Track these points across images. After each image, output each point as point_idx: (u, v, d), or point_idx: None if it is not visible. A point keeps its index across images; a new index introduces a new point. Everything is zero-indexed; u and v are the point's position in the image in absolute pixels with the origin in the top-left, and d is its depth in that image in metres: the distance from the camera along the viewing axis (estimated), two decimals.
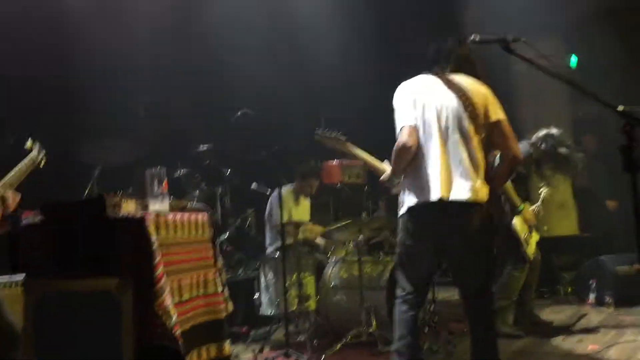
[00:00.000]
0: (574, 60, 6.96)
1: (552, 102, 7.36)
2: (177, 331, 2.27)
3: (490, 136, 3.09)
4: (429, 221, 3.04)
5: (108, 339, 2.29)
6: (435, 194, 2.97)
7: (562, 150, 4.84)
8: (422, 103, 3.12)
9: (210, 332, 2.70)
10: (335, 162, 6.46)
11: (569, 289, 6.61)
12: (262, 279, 5.19)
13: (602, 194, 6.98)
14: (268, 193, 5.82)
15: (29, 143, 3.17)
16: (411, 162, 3.05)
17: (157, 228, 2.40)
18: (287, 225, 4.89)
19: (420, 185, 3.02)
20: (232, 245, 5.84)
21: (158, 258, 2.29)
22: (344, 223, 4.92)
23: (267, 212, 5.77)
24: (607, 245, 6.57)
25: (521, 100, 7.74)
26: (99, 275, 2.33)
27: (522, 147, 4.88)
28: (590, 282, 6.04)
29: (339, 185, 6.46)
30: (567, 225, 7.43)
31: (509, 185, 4.76)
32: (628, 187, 6.50)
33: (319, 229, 5.79)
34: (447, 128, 3.08)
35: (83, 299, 2.35)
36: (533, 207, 5.03)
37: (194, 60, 6.54)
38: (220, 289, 2.82)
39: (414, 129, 3.06)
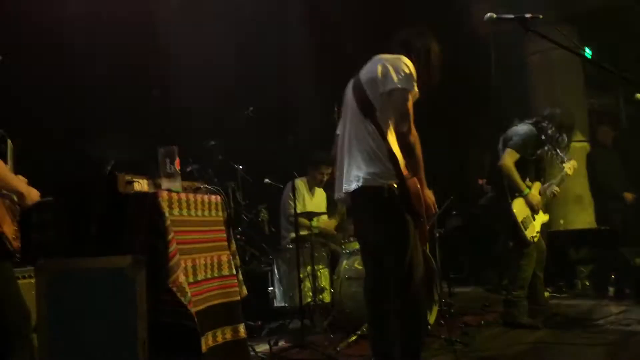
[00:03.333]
0: (588, 52, 6.90)
1: (566, 94, 7.28)
2: (192, 309, 2.23)
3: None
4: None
5: (122, 318, 2.25)
6: (336, 193, 3.17)
7: (552, 130, 4.76)
8: (343, 108, 3.25)
9: (225, 314, 2.65)
10: None
11: (587, 283, 6.52)
12: (276, 272, 5.15)
13: (619, 186, 6.87)
14: (282, 186, 5.79)
15: None
16: None
17: (170, 205, 2.36)
18: (301, 216, 4.85)
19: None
20: (245, 241, 5.80)
21: (171, 235, 2.25)
22: None
23: (281, 204, 5.74)
24: (625, 238, 6.46)
25: (535, 92, 7.68)
26: (112, 253, 2.29)
27: (524, 128, 4.84)
28: (609, 274, 5.94)
29: None
30: (584, 218, 7.34)
31: (512, 167, 4.70)
32: None
33: (332, 222, 5.75)
34: (345, 124, 3.15)
35: (96, 277, 2.30)
36: (546, 185, 4.95)
37: (207, 53, 6.52)
38: (234, 271, 2.77)
39: (337, 139, 3.28)
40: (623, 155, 6.97)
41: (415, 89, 2.93)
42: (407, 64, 2.96)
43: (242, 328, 2.71)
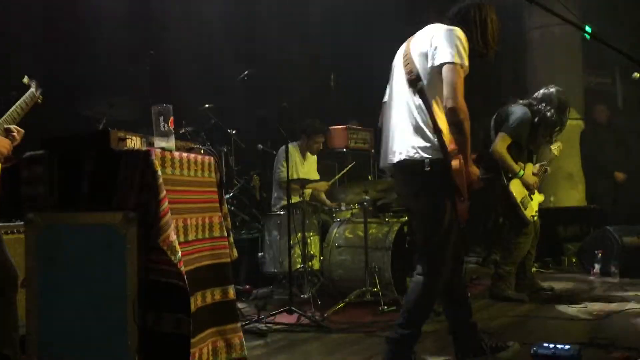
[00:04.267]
0: (587, 29, 6.86)
1: (564, 71, 7.24)
2: (182, 268, 2.22)
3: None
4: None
5: (112, 274, 2.24)
6: (381, 161, 3.16)
7: (550, 113, 4.72)
8: (391, 76, 3.17)
9: (215, 275, 2.64)
10: (341, 126, 6.39)
11: (574, 260, 6.59)
12: (266, 237, 5.16)
13: (611, 165, 6.90)
14: (275, 153, 5.77)
15: (25, 79, 3.06)
16: None
17: (163, 164, 2.33)
18: (293, 183, 4.85)
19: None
20: (236, 206, 5.80)
21: (163, 193, 2.22)
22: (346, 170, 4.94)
23: (274, 170, 5.72)
24: (613, 217, 6.52)
25: (534, 70, 7.64)
26: (103, 209, 2.27)
27: (518, 109, 4.80)
28: (596, 252, 6.00)
29: (344, 150, 6.39)
30: (574, 196, 7.39)
31: (504, 152, 4.67)
32: (637, 158, 6.37)
33: (323, 184, 5.74)
34: (392, 93, 3.10)
35: (87, 233, 2.29)
36: (538, 166, 4.93)
37: (200, 17, 6.44)
38: (225, 233, 2.76)
39: (384, 106, 3.21)
40: (617, 135, 6.99)
41: (467, 63, 2.84)
42: (461, 37, 2.85)
43: (231, 290, 2.70)
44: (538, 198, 4.95)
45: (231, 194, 5.67)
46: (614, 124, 7.09)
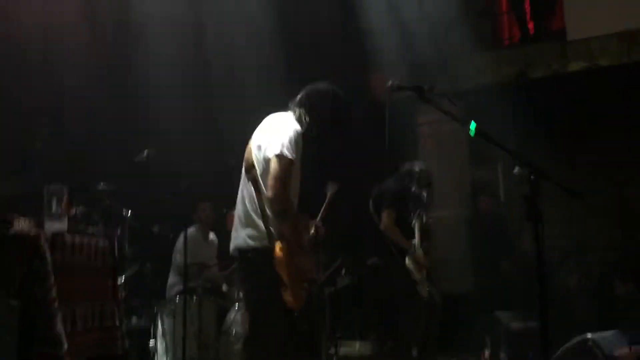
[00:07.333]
0: (472, 126, 7.38)
1: (452, 165, 7.69)
2: None
3: None
4: None
5: None
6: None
7: (413, 188, 4.92)
8: None
9: None
10: None
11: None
12: (159, 325, 4.90)
13: (495, 254, 7.26)
14: (171, 235, 5.60)
15: None
16: None
17: (53, 248, 2.21)
18: (191, 267, 4.71)
19: None
20: (128, 291, 5.49)
21: (51, 280, 2.09)
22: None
23: (173, 254, 5.54)
24: (500, 303, 6.78)
25: (424, 161, 8.04)
26: None
27: (390, 186, 5.01)
28: (485, 338, 6.18)
29: None
30: (462, 283, 7.64)
31: (393, 226, 4.79)
32: (519, 246, 6.68)
33: (218, 275, 5.63)
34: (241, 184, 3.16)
35: None
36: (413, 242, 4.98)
37: (98, 93, 6.31)
38: (117, 323, 2.60)
39: None
40: (500, 225, 7.41)
41: (295, 155, 2.92)
42: (290, 131, 2.96)
43: None
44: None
45: (123, 279, 5.38)
46: (496, 214, 7.53)
